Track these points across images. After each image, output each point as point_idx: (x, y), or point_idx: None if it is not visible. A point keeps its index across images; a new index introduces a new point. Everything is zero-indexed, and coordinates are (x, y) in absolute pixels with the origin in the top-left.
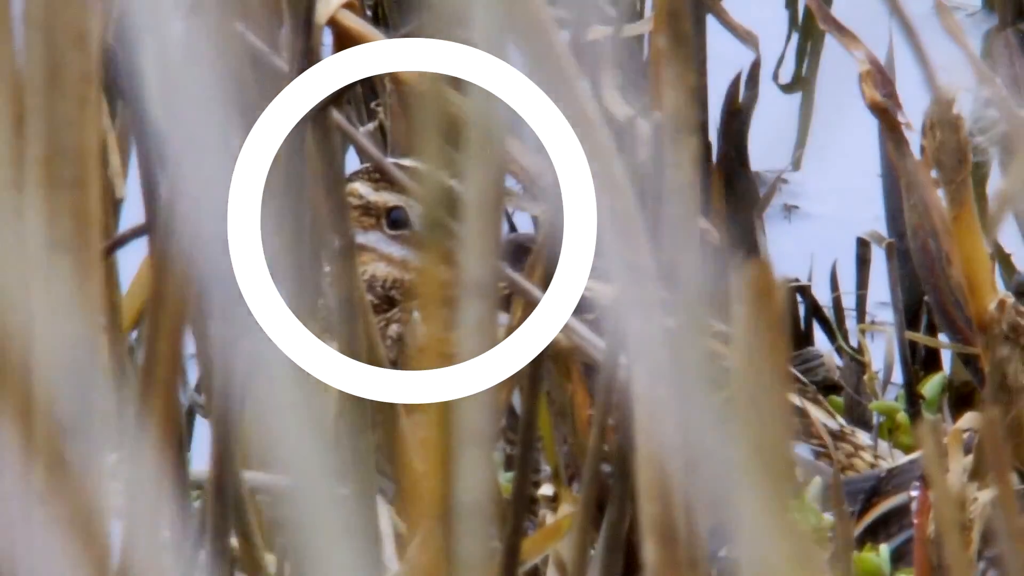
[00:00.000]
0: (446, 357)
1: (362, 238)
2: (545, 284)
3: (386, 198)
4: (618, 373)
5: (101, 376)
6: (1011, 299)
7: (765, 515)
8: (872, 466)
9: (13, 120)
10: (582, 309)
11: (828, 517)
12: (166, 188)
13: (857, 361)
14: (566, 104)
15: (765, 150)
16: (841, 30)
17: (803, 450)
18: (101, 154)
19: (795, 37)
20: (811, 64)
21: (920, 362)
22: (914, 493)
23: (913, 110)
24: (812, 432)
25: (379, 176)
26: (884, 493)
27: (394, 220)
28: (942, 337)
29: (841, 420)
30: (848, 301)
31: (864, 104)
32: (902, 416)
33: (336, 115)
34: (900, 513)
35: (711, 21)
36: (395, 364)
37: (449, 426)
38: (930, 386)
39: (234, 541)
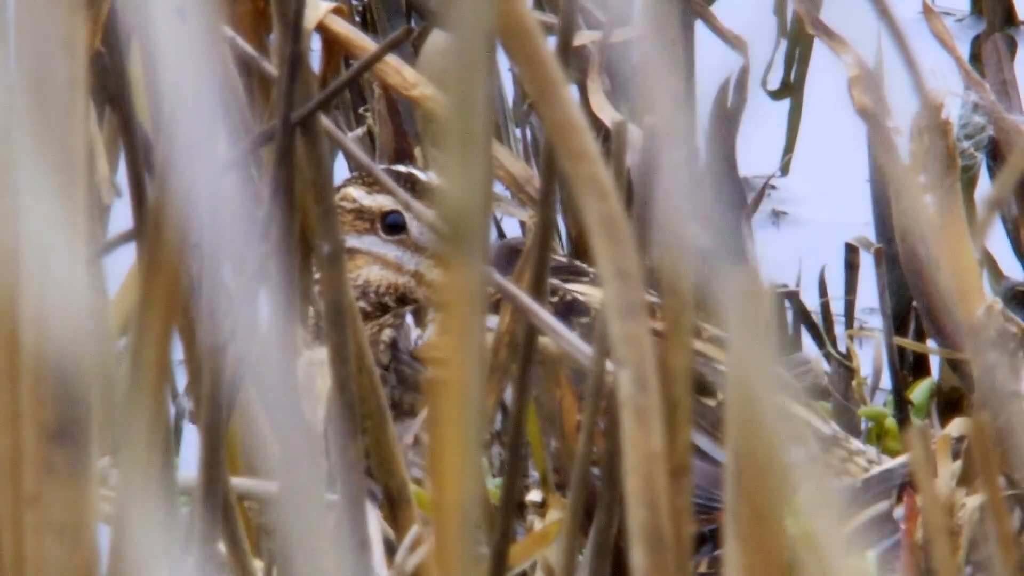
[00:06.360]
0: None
1: (355, 242)
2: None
3: (381, 202)
4: (606, 378)
5: (89, 382)
6: (999, 304)
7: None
8: (865, 472)
9: (1, 125)
10: (572, 313)
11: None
12: (154, 193)
13: (845, 367)
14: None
15: (753, 155)
16: (830, 35)
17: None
18: (89, 159)
19: (784, 42)
20: (799, 69)
21: (908, 367)
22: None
23: (902, 115)
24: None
25: (373, 180)
26: (870, 498)
27: (391, 224)
28: (930, 342)
29: (835, 426)
30: (836, 306)
31: (853, 109)
32: (890, 422)
33: (324, 120)
34: (886, 518)
35: (700, 26)
36: (387, 368)
37: (440, 431)
38: (918, 391)
39: (222, 547)
